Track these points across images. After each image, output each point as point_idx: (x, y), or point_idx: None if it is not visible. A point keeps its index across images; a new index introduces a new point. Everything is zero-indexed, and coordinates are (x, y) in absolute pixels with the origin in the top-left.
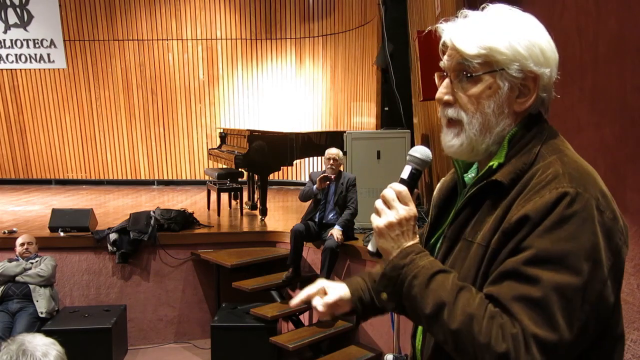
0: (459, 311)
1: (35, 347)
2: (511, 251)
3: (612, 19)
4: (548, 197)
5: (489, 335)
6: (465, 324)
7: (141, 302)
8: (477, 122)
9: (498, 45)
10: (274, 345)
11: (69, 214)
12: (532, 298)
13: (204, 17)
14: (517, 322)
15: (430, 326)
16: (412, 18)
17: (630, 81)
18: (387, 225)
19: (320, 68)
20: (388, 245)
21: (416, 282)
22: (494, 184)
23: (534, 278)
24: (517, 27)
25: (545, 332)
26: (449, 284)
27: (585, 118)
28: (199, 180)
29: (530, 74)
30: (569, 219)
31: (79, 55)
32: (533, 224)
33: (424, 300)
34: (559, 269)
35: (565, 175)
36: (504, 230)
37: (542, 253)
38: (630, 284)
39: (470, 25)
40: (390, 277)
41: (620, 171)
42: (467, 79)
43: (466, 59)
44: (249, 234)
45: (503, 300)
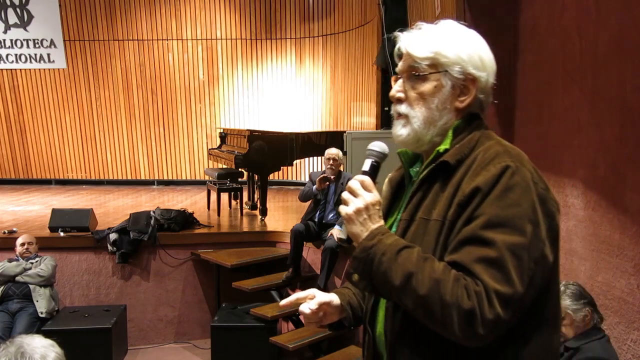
0: (426, 278)
1: (33, 349)
2: (466, 220)
3: (612, 19)
4: (494, 170)
5: (455, 295)
6: (432, 289)
7: (141, 302)
8: (422, 115)
9: (443, 49)
10: (274, 345)
11: (69, 214)
12: (490, 258)
13: (204, 17)
14: (479, 280)
15: (401, 297)
16: (412, 18)
17: (630, 81)
18: (355, 211)
19: (320, 68)
20: (357, 230)
21: (384, 258)
22: (443, 165)
23: (489, 241)
24: (460, 36)
25: (503, 287)
26: (414, 256)
27: (585, 118)
28: (199, 180)
29: (470, 76)
30: (512, 188)
31: (79, 55)
32: (483, 193)
33: (393, 273)
34: (509, 231)
35: (505, 153)
36: (459, 203)
37: (494, 218)
38: (630, 284)
39: (422, 34)
40: (361, 258)
41: (620, 171)
42: (416, 78)
43: (416, 61)
44: (249, 234)
45: (465, 263)
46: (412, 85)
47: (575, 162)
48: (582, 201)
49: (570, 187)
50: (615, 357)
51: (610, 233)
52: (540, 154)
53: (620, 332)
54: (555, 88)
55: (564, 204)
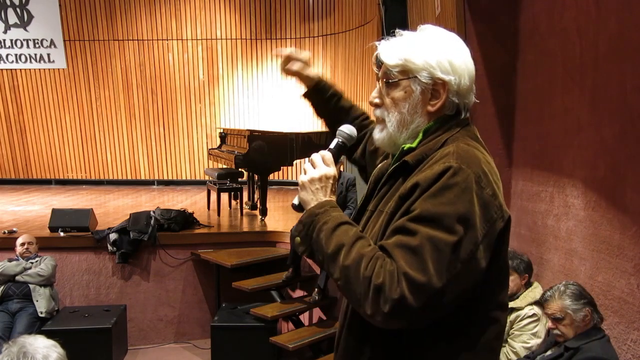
0: (354, 252)
1: (36, 350)
2: (402, 213)
3: (612, 19)
4: (436, 169)
5: (372, 270)
6: (355, 261)
7: (141, 302)
8: (395, 119)
9: (411, 56)
10: (274, 345)
11: (69, 214)
12: (409, 245)
13: (204, 17)
14: (395, 262)
15: (329, 265)
16: (412, 18)
17: (630, 81)
18: (309, 180)
19: (320, 68)
20: (308, 197)
21: (325, 227)
22: (404, 164)
23: (413, 231)
24: (431, 42)
25: (415, 272)
26: (351, 232)
27: (585, 118)
28: (199, 180)
29: (439, 80)
30: (450, 187)
31: (79, 55)
32: (422, 189)
33: (328, 242)
34: (435, 226)
35: (454, 154)
36: (400, 196)
37: (424, 212)
38: (630, 284)
39: (396, 42)
40: (305, 223)
41: (620, 171)
42: (389, 85)
43: (389, 68)
44: (249, 234)
45: (388, 247)
46: (387, 91)
47: (575, 162)
48: (582, 201)
49: (570, 187)
50: (615, 357)
51: (610, 233)
52: (540, 154)
53: (620, 332)
54: (555, 88)
55: (564, 204)
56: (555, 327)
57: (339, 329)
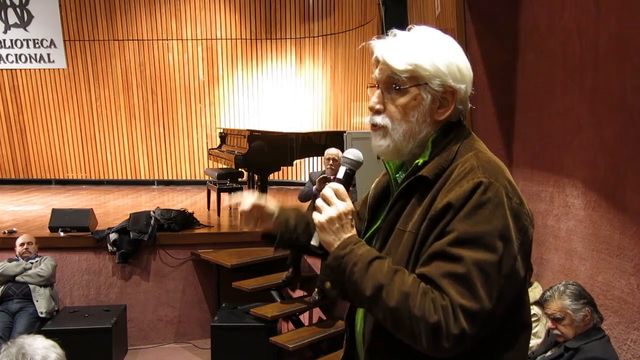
0: (396, 291)
1: (35, 351)
2: (437, 235)
3: (612, 19)
4: (466, 187)
5: (423, 309)
6: (401, 301)
7: (141, 302)
8: (401, 128)
9: (422, 62)
10: (274, 345)
11: (69, 214)
12: (457, 274)
13: (204, 17)
14: (446, 295)
15: (371, 307)
16: (412, 18)
17: (630, 81)
18: (327, 220)
19: (320, 68)
20: (329, 238)
21: (356, 268)
22: (421, 179)
23: (457, 257)
24: (439, 47)
25: (469, 302)
26: (385, 268)
27: (585, 118)
28: (199, 180)
29: (449, 88)
30: (484, 204)
31: (79, 55)
32: (455, 209)
33: (364, 284)
34: (478, 248)
35: (480, 168)
36: (431, 218)
37: (463, 235)
38: (630, 284)
39: (400, 43)
40: (333, 267)
41: (620, 171)
42: (395, 91)
43: (395, 73)
44: (249, 234)
45: (433, 277)
46: (392, 98)
47: (575, 162)
48: (582, 201)
49: (570, 187)
50: (615, 357)
51: (610, 233)
52: (540, 154)
53: (620, 332)
54: (555, 88)
55: (564, 204)
56: (555, 327)
57: (349, 343)
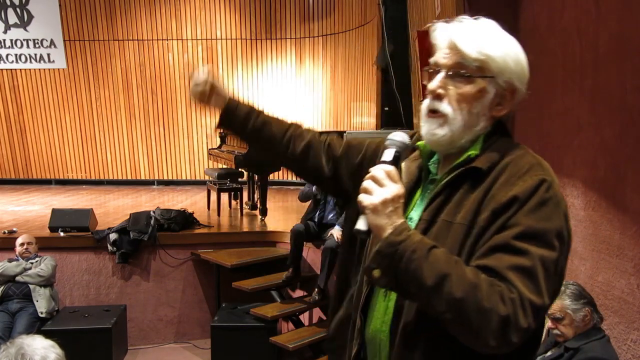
0: (461, 280)
1: (34, 351)
2: (499, 228)
3: (612, 19)
4: (531, 182)
5: (492, 301)
6: (469, 292)
7: (141, 302)
8: (461, 119)
9: (495, 55)
10: (274, 345)
11: (69, 214)
12: (524, 267)
13: (204, 17)
14: (514, 288)
15: (431, 298)
16: (412, 18)
17: (630, 81)
18: (382, 202)
19: (320, 68)
20: (382, 222)
21: (415, 256)
22: (473, 170)
23: (524, 250)
24: (509, 43)
25: (535, 297)
26: (444, 257)
27: (585, 118)
28: (199, 180)
29: (512, 87)
30: (546, 201)
31: (79, 55)
32: (520, 203)
33: (425, 272)
34: (541, 244)
35: (539, 165)
36: (494, 211)
37: (529, 230)
38: (630, 284)
39: (472, 30)
40: (387, 254)
41: (620, 171)
42: (462, 78)
43: (466, 59)
44: (249, 234)
45: (498, 269)
46: (456, 84)
47: (575, 162)
48: (582, 201)
49: (570, 187)
50: (615, 357)
51: (610, 233)
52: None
53: (620, 332)
54: (555, 88)
55: None
56: (555, 327)
57: (357, 337)
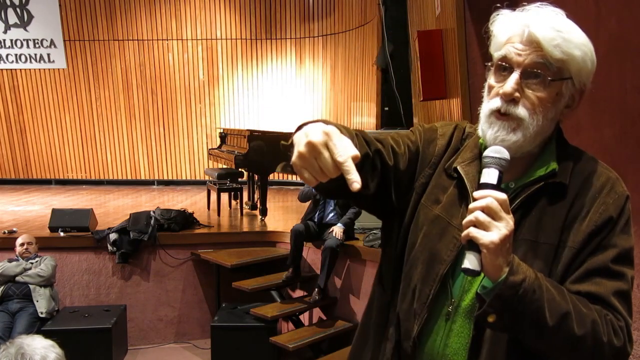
0: (581, 317)
1: (34, 350)
2: (594, 249)
3: (612, 19)
4: (619, 200)
5: (609, 334)
6: (589, 328)
7: (141, 302)
8: (536, 124)
9: (576, 55)
10: (274, 345)
11: (69, 214)
12: (623, 292)
13: (204, 17)
14: (620, 315)
15: (551, 337)
16: (412, 18)
17: (630, 81)
18: (503, 239)
19: (320, 68)
20: (501, 262)
21: (536, 296)
22: (556, 185)
23: (621, 274)
24: (586, 39)
25: (630, 320)
26: (556, 291)
27: (585, 118)
28: (199, 180)
29: (583, 87)
30: (629, 219)
31: (79, 55)
32: (613, 223)
33: (547, 313)
34: (630, 264)
35: (618, 180)
36: (591, 233)
37: (623, 251)
38: None
39: (552, 23)
40: (507, 296)
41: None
42: (541, 81)
43: (548, 60)
44: (249, 234)
45: (604, 296)
46: (533, 87)
47: None
48: None
49: None
50: None
51: None
52: None
53: None
54: None
55: None
56: None
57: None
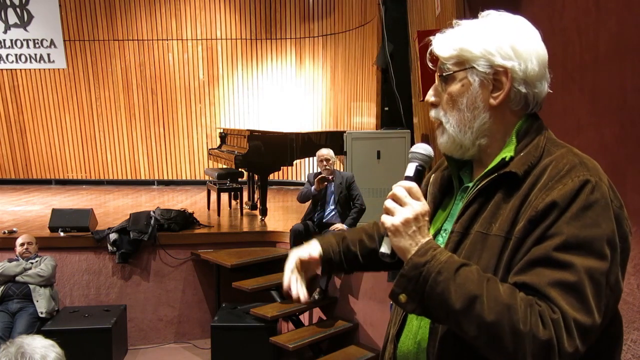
0: (493, 302)
1: (34, 350)
2: (538, 239)
3: (612, 19)
4: (572, 185)
5: (529, 323)
6: (502, 315)
7: (141, 302)
8: (453, 119)
9: (466, 45)
10: (274, 345)
11: (69, 214)
12: (568, 283)
13: (204, 17)
14: (557, 307)
15: (460, 322)
16: (412, 18)
17: (630, 81)
18: (403, 222)
19: (320, 68)
20: (405, 244)
21: (441, 278)
22: (508, 176)
23: (567, 263)
24: (490, 27)
25: (582, 316)
26: (474, 276)
27: (585, 118)
28: (199, 180)
29: (500, 68)
30: (591, 205)
31: (79, 55)
32: (560, 210)
33: (452, 295)
34: (587, 254)
35: (582, 165)
36: (530, 219)
37: (572, 239)
38: (630, 284)
39: (451, 32)
40: (411, 277)
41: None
42: (444, 79)
43: (443, 62)
44: (249, 234)
45: (538, 286)
46: (444, 87)
47: None
48: None
49: None
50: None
51: None
52: None
53: None
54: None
55: None
56: None
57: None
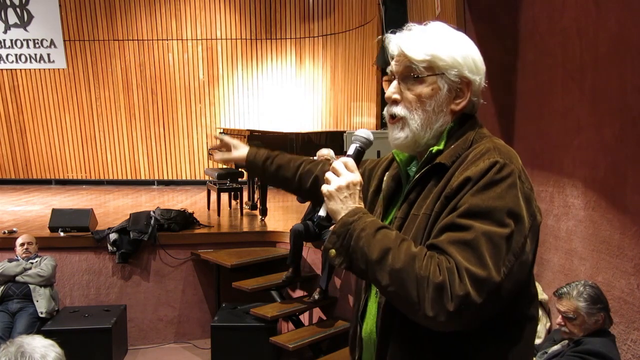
0: (403, 253)
1: (34, 349)
2: (450, 210)
3: (612, 19)
4: (482, 165)
5: (428, 270)
6: (408, 263)
7: (141, 302)
8: (419, 118)
9: (440, 53)
10: (274, 345)
11: (69, 214)
12: (464, 240)
13: (204, 17)
14: (452, 258)
15: (376, 272)
16: (412, 18)
17: (630, 81)
18: (336, 188)
19: (320, 68)
20: (337, 207)
21: (364, 233)
22: (438, 166)
23: (466, 226)
24: (455, 39)
25: (475, 268)
26: (393, 235)
27: (585, 118)
28: (199, 180)
29: (465, 79)
30: (497, 182)
31: (79, 55)
32: (470, 185)
33: (371, 248)
34: (487, 221)
35: (496, 150)
36: (446, 195)
37: (474, 207)
38: (630, 284)
39: (417, 35)
40: (339, 233)
41: (620, 171)
42: (413, 80)
43: (413, 63)
44: (249, 234)
45: (440, 245)
46: (409, 87)
47: (575, 162)
48: (582, 201)
49: (570, 187)
50: (615, 354)
51: (610, 233)
52: (540, 154)
53: (620, 332)
54: (555, 88)
55: (564, 204)
56: (564, 324)
57: (362, 340)
